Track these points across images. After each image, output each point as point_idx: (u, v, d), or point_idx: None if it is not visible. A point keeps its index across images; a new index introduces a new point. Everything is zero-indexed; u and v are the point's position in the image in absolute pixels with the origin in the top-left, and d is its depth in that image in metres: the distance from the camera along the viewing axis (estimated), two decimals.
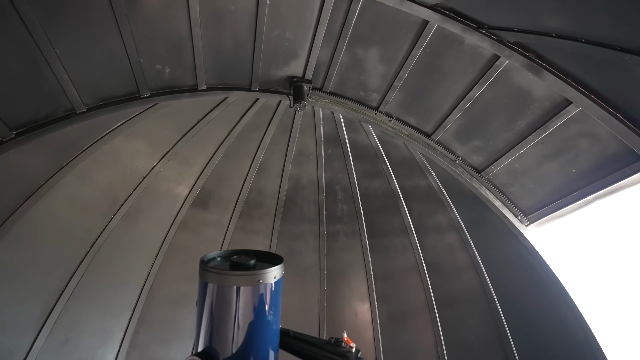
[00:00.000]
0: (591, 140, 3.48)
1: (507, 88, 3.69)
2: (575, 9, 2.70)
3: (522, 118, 3.81)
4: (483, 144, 4.33)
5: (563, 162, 3.80)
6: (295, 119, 4.99)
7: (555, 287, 4.06)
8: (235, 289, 2.18)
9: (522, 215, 4.42)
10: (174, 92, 4.14)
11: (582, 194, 3.78)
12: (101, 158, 4.20)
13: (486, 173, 4.49)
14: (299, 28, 3.77)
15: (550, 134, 3.69)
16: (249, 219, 5.63)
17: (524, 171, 4.18)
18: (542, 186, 4.13)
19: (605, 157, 3.47)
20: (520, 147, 3.99)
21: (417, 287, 5.28)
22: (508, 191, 4.46)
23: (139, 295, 4.95)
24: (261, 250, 2.69)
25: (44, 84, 3.30)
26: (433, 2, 3.25)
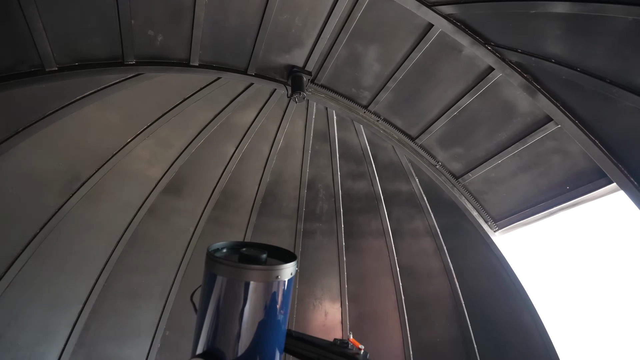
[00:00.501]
0: (563, 156, 3.78)
1: (495, 101, 3.87)
2: (578, 39, 2.94)
3: (504, 130, 4.03)
4: (464, 152, 4.53)
5: (535, 175, 4.09)
6: (287, 110, 4.82)
7: (518, 293, 4.39)
8: (253, 285, 2.01)
9: (492, 221, 4.71)
10: (163, 63, 3.76)
11: (548, 205, 4.11)
12: (66, 127, 3.65)
13: (463, 179, 4.70)
14: (310, 16, 3.64)
15: (527, 148, 3.94)
16: (224, 210, 5.31)
17: (499, 180, 4.44)
18: (514, 195, 4.41)
19: (573, 173, 3.80)
20: (498, 158, 4.22)
21: (389, 290, 5.39)
22: (481, 198, 4.72)
23: (93, 286, 4.39)
24: (267, 244, 2.53)
25: (10, 29, 2.78)
26: (448, 12, 3.34)
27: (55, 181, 3.84)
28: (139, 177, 4.52)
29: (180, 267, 5.07)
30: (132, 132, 4.20)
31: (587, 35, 2.88)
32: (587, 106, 3.30)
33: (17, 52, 2.92)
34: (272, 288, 2.06)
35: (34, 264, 3.90)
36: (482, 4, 3.15)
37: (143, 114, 4.18)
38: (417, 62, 3.93)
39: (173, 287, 5.03)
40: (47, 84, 3.22)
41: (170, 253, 5.05)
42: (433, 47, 3.73)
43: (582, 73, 3.08)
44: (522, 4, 2.96)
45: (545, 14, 2.93)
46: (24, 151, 3.45)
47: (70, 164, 3.89)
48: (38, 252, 3.90)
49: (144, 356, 4.70)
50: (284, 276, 2.11)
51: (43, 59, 3.05)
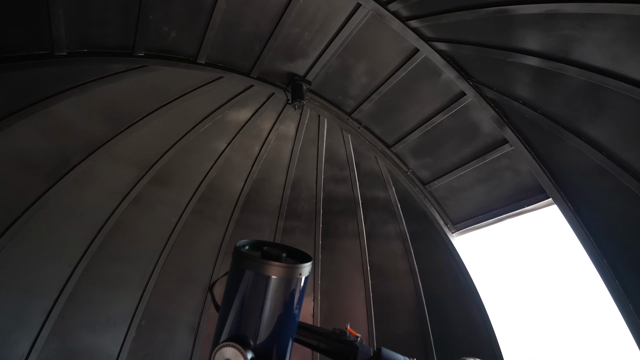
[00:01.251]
0: (513, 173, 4.45)
1: (463, 120, 4.43)
2: (542, 88, 3.58)
3: (468, 147, 4.63)
4: (432, 162, 5.09)
5: (490, 187, 4.76)
6: (282, 114, 5.05)
7: (471, 293, 5.08)
8: (280, 280, 2.31)
9: (450, 224, 5.36)
10: (171, 58, 3.81)
11: (499, 213, 4.80)
12: (62, 111, 3.57)
13: (430, 186, 5.29)
14: (319, 33, 3.93)
15: (485, 163, 4.56)
16: (209, 203, 5.39)
17: (460, 189, 5.06)
18: (471, 203, 5.06)
19: (520, 188, 4.49)
20: (461, 170, 4.81)
21: (359, 286, 5.86)
22: (444, 203, 5.35)
23: (71, 273, 4.29)
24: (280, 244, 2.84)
25: (28, 9, 2.72)
26: (441, 48, 3.83)
27: (43, 164, 3.72)
28: (128, 165, 4.48)
29: (160, 257, 5.08)
30: (128, 121, 4.17)
31: (548, 86, 3.53)
32: (542, 142, 3.99)
33: (30, 33, 2.85)
34: (297, 283, 2.39)
35: (11, 247, 3.75)
36: (470, 47, 3.69)
37: (141, 103, 4.17)
38: (402, 79, 4.33)
39: (152, 277, 5.03)
40: (52, 68, 3.15)
41: (150, 243, 5.04)
42: (416, 68, 4.14)
43: (542, 115, 3.75)
44: (502, 52, 3.53)
45: (519, 63, 3.53)
46: (17, 132, 3.33)
47: (62, 148, 3.79)
48: (17, 237, 3.75)
49: (118, 345, 4.67)
50: (305, 273, 2.45)
51: (54, 43, 3.01)
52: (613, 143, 3.30)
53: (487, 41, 3.56)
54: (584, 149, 3.54)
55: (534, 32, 3.26)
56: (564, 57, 3.24)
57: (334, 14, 3.74)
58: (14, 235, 3.72)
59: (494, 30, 3.43)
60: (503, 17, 3.25)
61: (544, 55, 3.34)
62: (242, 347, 2.26)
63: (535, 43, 3.32)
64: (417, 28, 3.72)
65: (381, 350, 2.33)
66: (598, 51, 3.03)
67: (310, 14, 3.71)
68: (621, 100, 3.09)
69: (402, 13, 3.63)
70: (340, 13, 3.73)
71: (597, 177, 3.55)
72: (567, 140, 3.69)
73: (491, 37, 3.50)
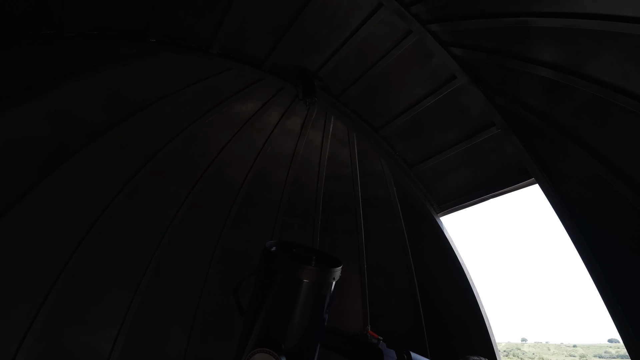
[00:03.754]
0: (498, 155, 4.48)
1: (453, 104, 4.37)
2: (551, 99, 3.72)
3: (456, 129, 4.61)
4: (419, 144, 5.07)
5: (475, 168, 4.80)
6: (289, 108, 4.96)
7: (468, 291, 5.24)
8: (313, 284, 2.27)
9: (436, 205, 5.41)
10: (182, 45, 3.63)
11: (482, 193, 4.86)
12: (67, 95, 3.32)
13: (416, 168, 5.27)
14: (337, 30, 3.87)
15: (472, 146, 4.56)
16: (208, 196, 5.24)
17: (446, 171, 5.08)
18: (457, 184, 5.10)
19: (504, 170, 4.53)
20: (448, 152, 4.79)
21: (356, 284, 5.92)
22: (430, 185, 5.37)
23: (64, 267, 4.04)
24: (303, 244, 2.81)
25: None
26: (457, 54, 3.88)
27: (41, 152, 3.46)
28: (129, 155, 4.26)
29: (156, 251, 4.90)
30: (132, 109, 3.95)
31: (558, 97, 3.67)
32: (546, 150, 4.14)
33: (39, 9, 2.62)
34: (329, 288, 2.37)
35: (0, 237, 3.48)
36: (485, 54, 3.76)
37: (146, 92, 3.95)
38: (391, 62, 4.12)
39: (147, 272, 4.84)
40: (59, 49, 2.92)
41: (146, 236, 4.84)
42: (408, 50, 3.97)
43: (548, 125, 3.90)
44: (517, 62, 3.63)
45: (531, 73, 3.64)
46: (16, 116, 3.07)
47: (61, 135, 3.54)
48: (7, 226, 3.48)
49: (110, 343, 4.47)
50: (337, 278, 2.43)
51: (64, 23, 2.78)
52: (616, 156, 3.48)
53: (503, 49, 3.64)
54: (586, 160, 3.72)
55: (550, 45, 3.36)
56: (577, 70, 3.37)
57: (355, 12, 3.69)
58: (3, 224, 3.45)
59: (511, 39, 3.51)
60: (522, 27, 3.34)
61: (557, 67, 3.45)
62: (277, 353, 2.21)
63: (550, 55, 3.43)
64: (436, 32, 3.74)
65: (410, 354, 2.35)
66: (610, 67, 3.18)
67: (331, 10, 3.65)
68: (627, 116, 3.27)
69: (423, 16, 3.64)
70: (360, 12, 3.68)
71: (596, 186, 3.75)
72: (572, 151, 3.86)
73: (507, 45, 3.59)
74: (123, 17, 3.07)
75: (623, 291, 3.55)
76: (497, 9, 3.30)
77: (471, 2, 3.34)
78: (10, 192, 3.42)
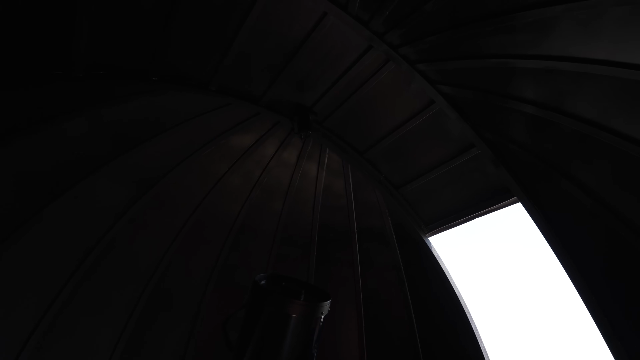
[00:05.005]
0: (481, 175, 4.57)
1: (434, 126, 4.50)
2: (536, 134, 3.86)
3: (439, 150, 4.72)
4: (404, 166, 5.14)
5: (459, 188, 4.87)
6: (285, 141, 5.12)
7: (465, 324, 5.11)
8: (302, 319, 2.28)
9: (424, 225, 5.43)
10: (183, 83, 3.83)
11: (469, 212, 4.92)
12: (70, 128, 3.46)
13: (403, 190, 5.32)
14: (330, 69, 4.10)
15: (455, 166, 4.66)
16: (203, 226, 5.27)
17: (432, 191, 5.13)
18: (443, 203, 5.14)
19: (486, 190, 4.62)
20: (433, 173, 4.87)
21: (352, 315, 5.80)
22: (417, 206, 5.40)
23: (54, 300, 4.00)
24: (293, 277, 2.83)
25: (52, 27, 2.68)
26: (445, 91, 4.07)
27: (41, 183, 3.55)
28: (127, 185, 4.35)
29: (149, 282, 4.86)
30: (132, 142, 4.09)
31: (542, 132, 3.81)
32: (536, 183, 4.23)
33: (49, 52, 2.81)
34: (318, 322, 2.37)
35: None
36: (471, 91, 3.95)
37: (147, 126, 4.11)
38: (372, 88, 4.23)
39: (139, 303, 4.77)
40: (65, 88, 3.10)
41: (141, 266, 4.82)
42: (386, 77, 4.10)
43: (536, 158, 4.01)
44: (501, 99, 3.80)
45: (516, 109, 3.80)
46: (20, 149, 3.19)
47: (62, 166, 3.64)
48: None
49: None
50: (325, 312, 2.44)
51: (73, 64, 2.97)
52: (602, 188, 3.56)
53: (488, 87, 3.83)
54: (574, 193, 3.80)
55: (531, 83, 3.55)
56: (558, 107, 3.53)
57: (346, 53, 3.92)
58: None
59: (496, 78, 3.71)
60: (505, 67, 3.54)
61: (540, 105, 3.62)
62: None
63: (532, 93, 3.61)
64: (424, 71, 3.95)
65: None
66: (589, 105, 3.34)
67: (324, 51, 3.88)
68: (609, 150, 3.38)
69: (411, 57, 3.86)
70: (352, 52, 3.92)
71: (587, 219, 3.80)
72: (559, 184, 3.95)
73: (492, 84, 3.78)
74: (127, 57, 3.27)
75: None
76: (480, 50, 3.51)
77: (454, 45, 3.56)
78: (9, 220, 3.48)
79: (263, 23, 3.44)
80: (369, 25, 3.53)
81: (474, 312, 5.07)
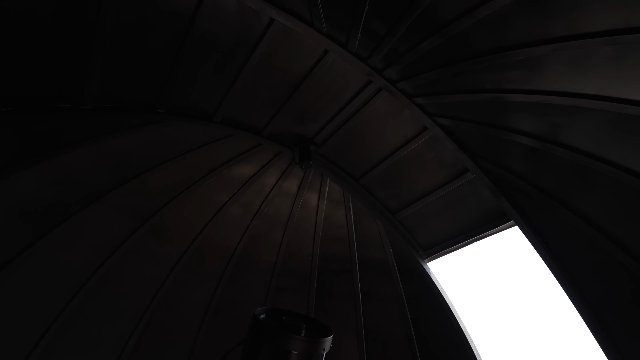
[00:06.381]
0: (476, 199, 4.59)
1: (428, 152, 4.57)
2: (534, 164, 3.92)
3: (433, 175, 4.74)
4: (400, 191, 5.13)
5: (456, 212, 4.85)
6: (287, 171, 5.16)
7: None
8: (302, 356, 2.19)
9: (421, 250, 5.35)
10: (189, 115, 3.94)
11: (465, 237, 4.88)
12: (72, 159, 3.50)
13: (399, 215, 5.29)
14: (331, 102, 4.23)
15: (451, 191, 4.68)
16: (201, 258, 5.17)
17: (428, 216, 5.11)
18: (439, 229, 5.10)
19: (483, 213, 4.63)
20: (429, 198, 4.88)
21: (353, 351, 5.56)
22: (414, 231, 5.35)
23: (43, 335, 3.84)
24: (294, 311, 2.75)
25: (66, 63, 2.79)
26: (443, 123, 4.18)
27: (39, 214, 3.53)
28: (125, 216, 4.32)
29: (143, 316, 4.69)
30: (134, 173, 4.12)
31: (540, 163, 3.87)
32: (537, 213, 4.23)
33: (60, 87, 2.91)
34: (321, 358, 2.28)
35: None
36: (468, 124, 4.06)
37: (149, 156, 4.16)
38: (365, 113, 4.29)
39: (130, 339, 4.58)
40: (72, 120, 3.17)
41: (134, 301, 4.67)
42: (380, 105, 4.18)
43: (534, 188, 4.05)
44: (497, 131, 3.91)
45: (512, 141, 3.89)
46: (20, 179, 3.20)
47: (61, 197, 3.64)
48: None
49: None
50: (327, 348, 2.35)
51: (83, 98, 3.06)
52: (603, 218, 3.57)
53: (484, 120, 3.95)
54: (575, 222, 3.80)
55: (526, 116, 3.66)
56: (553, 139, 3.62)
57: (347, 87, 4.08)
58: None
59: (491, 111, 3.83)
60: (499, 101, 3.67)
61: (535, 136, 3.71)
62: None
63: (527, 125, 3.71)
64: (422, 104, 4.09)
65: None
66: (584, 137, 3.43)
67: (325, 85, 4.03)
68: (607, 180, 3.43)
69: (409, 91, 4.01)
70: (352, 87, 4.07)
71: (590, 249, 3.77)
72: (559, 213, 3.96)
73: (488, 117, 3.90)
74: (135, 91, 3.39)
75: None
76: (473, 86, 3.66)
77: (450, 80, 3.72)
78: (4, 251, 3.42)
79: (267, 61, 3.61)
80: (368, 62, 3.70)
81: (478, 342, 4.88)
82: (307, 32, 3.29)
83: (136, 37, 3.00)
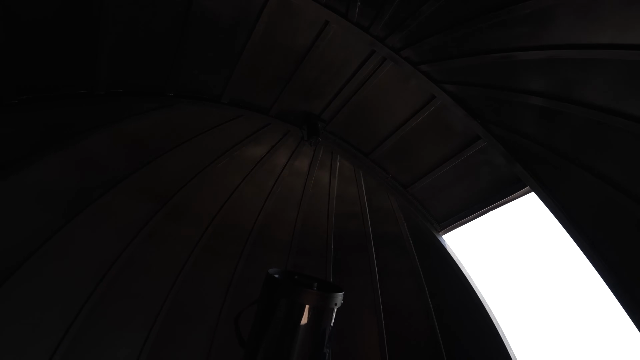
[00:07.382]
0: (489, 167, 4.49)
1: (437, 122, 4.45)
2: (548, 125, 3.80)
3: (444, 146, 4.64)
4: (411, 164, 5.07)
5: (469, 182, 4.76)
6: (297, 150, 5.22)
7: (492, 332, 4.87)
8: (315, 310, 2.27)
9: (436, 223, 5.30)
10: (197, 97, 4.05)
11: (481, 206, 4.80)
12: (90, 145, 3.69)
13: (412, 188, 5.23)
14: (336, 76, 4.22)
15: (463, 160, 4.59)
16: (220, 238, 5.36)
17: (441, 188, 5.04)
18: (453, 200, 5.03)
19: (497, 181, 4.53)
20: (440, 169, 4.80)
21: (372, 326, 5.64)
22: (427, 203, 5.30)
23: (79, 312, 4.13)
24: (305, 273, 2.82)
25: (76, 49, 2.92)
26: (450, 89, 4.10)
27: (63, 200, 3.76)
28: (145, 200, 4.53)
29: (168, 295, 4.94)
30: (150, 157, 4.30)
31: (554, 123, 3.74)
32: (552, 177, 4.11)
33: (73, 73, 3.06)
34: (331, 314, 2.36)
35: (21, 284, 3.66)
36: (476, 88, 3.96)
37: (163, 140, 4.32)
38: (370, 89, 4.25)
39: (159, 317, 4.85)
40: (87, 106, 3.33)
41: (160, 280, 4.93)
42: (384, 76, 4.11)
43: (549, 151, 3.93)
44: (507, 93, 3.79)
45: (524, 103, 3.77)
46: (42, 167, 3.41)
47: (83, 183, 3.86)
48: (27, 273, 3.68)
49: None
50: (339, 304, 2.42)
51: (95, 83, 3.21)
52: (623, 177, 3.43)
53: (493, 83, 3.84)
54: (594, 183, 3.67)
55: (537, 75, 3.53)
56: (567, 96, 3.48)
57: (351, 59, 4.05)
58: (25, 271, 3.65)
59: (499, 73, 3.71)
60: (508, 61, 3.55)
61: (548, 95, 3.58)
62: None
63: (538, 84, 3.59)
64: (427, 72, 4.02)
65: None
66: (599, 91, 3.28)
67: (329, 59, 4.02)
68: (626, 136, 3.28)
69: (414, 58, 3.94)
70: (356, 58, 4.04)
71: (610, 210, 3.64)
72: (577, 175, 3.83)
73: (497, 79, 3.78)
74: (145, 75, 3.51)
75: None
76: (480, 47, 3.55)
77: (454, 44, 3.62)
78: (32, 238, 3.68)
79: (268, 37, 3.63)
80: (369, 31, 3.66)
81: (497, 313, 4.85)
82: (305, 3, 3.29)
83: (140, 21, 3.09)
